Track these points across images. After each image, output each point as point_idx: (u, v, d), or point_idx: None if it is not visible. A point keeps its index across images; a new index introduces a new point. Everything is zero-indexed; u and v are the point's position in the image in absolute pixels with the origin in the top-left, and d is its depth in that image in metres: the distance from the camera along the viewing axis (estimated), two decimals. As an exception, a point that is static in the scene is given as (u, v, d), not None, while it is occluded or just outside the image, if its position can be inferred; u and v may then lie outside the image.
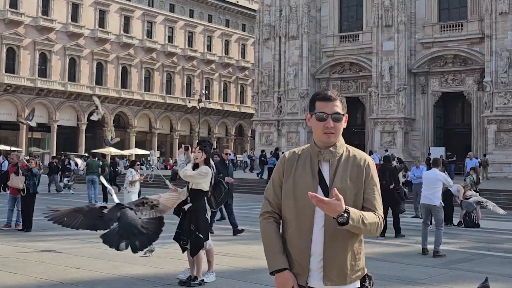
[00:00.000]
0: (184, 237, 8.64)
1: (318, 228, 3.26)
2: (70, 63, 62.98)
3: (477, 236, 16.48)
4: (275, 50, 50.97)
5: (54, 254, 10.15)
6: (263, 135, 51.81)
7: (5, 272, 9.16)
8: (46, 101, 60.82)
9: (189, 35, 74.11)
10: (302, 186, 3.27)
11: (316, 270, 3.27)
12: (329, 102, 3.32)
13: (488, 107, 41.54)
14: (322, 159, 3.33)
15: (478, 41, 43.51)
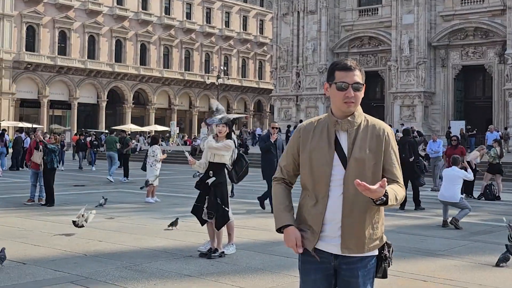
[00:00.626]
0: (211, 211, 8.72)
1: (336, 196, 3.28)
2: (89, 41, 63.20)
3: (497, 208, 16.41)
4: (294, 25, 50.72)
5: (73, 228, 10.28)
6: (282, 110, 51.74)
7: (29, 245, 9.32)
8: (66, 78, 61.21)
9: (207, 11, 73.98)
10: (319, 156, 3.31)
11: (333, 237, 3.30)
12: (350, 72, 3.31)
13: (510, 79, 41.16)
14: (340, 129, 3.34)
15: (499, 13, 42.90)
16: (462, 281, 7.66)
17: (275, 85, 52.97)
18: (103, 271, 7.74)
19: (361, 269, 3.33)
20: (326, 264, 3.35)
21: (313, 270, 3.39)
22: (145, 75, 66.90)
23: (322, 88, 47.85)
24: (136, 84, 66.85)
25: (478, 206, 15.55)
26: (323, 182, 3.29)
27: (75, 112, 61.88)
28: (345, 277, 3.34)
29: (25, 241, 9.74)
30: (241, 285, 7.26)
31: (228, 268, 8.13)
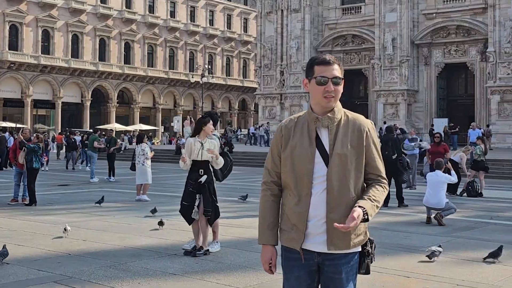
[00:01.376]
0: (207, 208, 8.76)
1: (319, 193, 3.25)
2: (73, 40, 62.78)
3: (480, 205, 16.55)
4: (277, 23, 50.83)
5: (61, 227, 10.20)
6: (266, 109, 51.87)
7: (13, 245, 9.20)
8: (50, 77, 60.81)
9: (191, 9, 73.79)
10: (300, 153, 3.27)
11: (317, 235, 3.28)
12: (329, 66, 3.27)
13: (492, 77, 41.49)
14: (320, 125, 3.30)
15: (481, 11, 43.27)
16: (444, 276, 7.70)
17: (259, 83, 53.16)
18: (87, 270, 7.69)
19: (345, 265, 3.31)
20: (309, 261, 3.32)
21: (297, 267, 3.37)
22: (129, 74, 66.62)
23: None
24: (121, 83, 66.56)
25: (460, 203, 15.62)
26: (305, 180, 3.25)
27: (59, 111, 61.36)
28: (328, 274, 3.32)
29: (8, 241, 9.61)
30: (225, 282, 7.25)
31: (213, 266, 8.12)
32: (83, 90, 63.66)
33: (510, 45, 40.66)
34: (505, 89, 40.90)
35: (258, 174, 21.05)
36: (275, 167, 3.42)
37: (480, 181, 19.33)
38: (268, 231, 3.39)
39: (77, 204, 15.27)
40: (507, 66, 40.89)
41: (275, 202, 3.43)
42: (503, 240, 10.68)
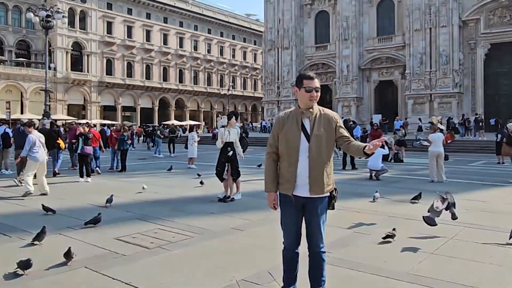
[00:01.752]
0: (234, 172, 8.78)
1: (303, 160, 3.39)
2: (146, 68, 62.28)
3: (402, 167, 16.41)
4: (275, 56, 50.41)
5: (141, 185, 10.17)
6: (269, 110, 51.57)
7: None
8: (132, 92, 60.62)
9: (220, 48, 73.12)
10: (291, 134, 3.44)
11: (303, 185, 3.41)
12: (312, 80, 3.46)
13: (408, 89, 41.10)
14: (304, 117, 3.46)
15: (402, 48, 42.65)
16: (383, 211, 7.63)
17: (264, 94, 52.88)
18: (158, 211, 7.66)
19: (319, 204, 3.47)
20: (297, 202, 3.46)
21: (289, 206, 3.50)
22: (182, 89, 66.18)
23: (293, 96, 48.67)
24: (177, 95, 66.22)
25: (390, 166, 15.47)
26: (294, 152, 3.41)
27: (138, 113, 61.25)
28: (309, 209, 3.47)
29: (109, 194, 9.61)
30: (244, 217, 7.21)
31: (237, 207, 8.07)
32: (153, 99, 63.34)
33: (419, 69, 40.25)
34: (416, 96, 40.64)
35: (263, 151, 20.84)
36: (275, 142, 3.54)
37: (402, 152, 19.28)
38: (271, 183, 3.54)
39: (151, 171, 15.25)
40: (417, 82, 40.46)
41: (275, 165, 3.56)
42: (418, 188, 10.59)
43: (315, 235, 3.49)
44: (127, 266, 4.70)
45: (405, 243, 5.65)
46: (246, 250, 5.31)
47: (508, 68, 38.53)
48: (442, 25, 39.25)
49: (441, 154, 11.97)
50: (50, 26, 33.24)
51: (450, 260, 4.96)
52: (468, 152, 23.35)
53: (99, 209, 7.57)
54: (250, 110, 78.86)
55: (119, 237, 5.86)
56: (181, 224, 6.65)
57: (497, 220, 7.02)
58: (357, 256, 5.07)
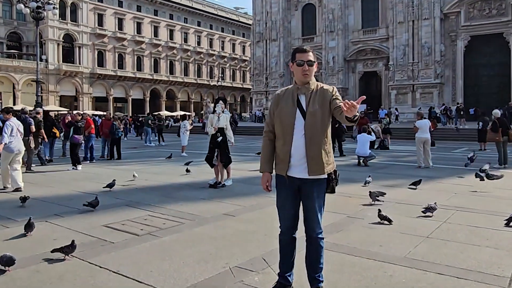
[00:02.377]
0: (224, 158, 8.41)
1: (299, 138, 3.06)
2: (137, 60, 61.13)
3: (388, 154, 16.20)
4: (263, 48, 49.84)
5: (132, 173, 9.77)
6: (257, 101, 51.12)
7: (100, 183, 8.77)
8: (123, 83, 59.52)
9: (210, 40, 71.95)
10: (286, 111, 3.12)
11: (299, 165, 3.08)
12: (305, 53, 3.13)
13: (392, 80, 40.96)
14: (300, 93, 3.14)
15: (385, 40, 42.48)
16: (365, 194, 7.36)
17: (253, 85, 52.29)
18: (147, 197, 7.28)
19: (316, 187, 3.13)
20: (292, 184, 3.12)
21: (284, 188, 3.18)
22: (173, 80, 65.21)
23: (281, 86, 48.28)
24: (167, 86, 65.23)
25: (377, 153, 15.25)
26: (289, 129, 3.09)
27: (129, 104, 60.26)
28: (305, 192, 3.14)
29: (98, 181, 9.22)
30: (236, 203, 6.86)
31: (227, 194, 7.72)
32: (144, 90, 62.29)
33: (402, 61, 40.08)
34: (399, 87, 40.46)
35: (253, 140, 20.50)
36: (271, 121, 3.23)
37: (388, 140, 19.15)
38: (266, 163, 3.25)
39: (142, 159, 14.80)
40: (400, 73, 40.33)
41: (271, 144, 3.25)
42: (406, 173, 10.41)
43: (312, 220, 3.15)
44: (115, 254, 4.34)
45: (398, 227, 5.38)
46: (238, 236, 4.98)
47: (487, 59, 38.60)
48: (424, 18, 39.12)
49: (428, 140, 11.76)
50: (40, 17, 32.18)
51: (446, 243, 4.70)
52: (450, 140, 23.30)
53: (87, 196, 7.18)
54: (239, 101, 78.24)
55: (108, 224, 5.49)
56: (171, 210, 6.29)
57: (488, 204, 6.80)
58: (352, 241, 4.78)
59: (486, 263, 4.08)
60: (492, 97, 37.65)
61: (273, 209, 3.21)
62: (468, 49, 38.75)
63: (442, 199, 7.14)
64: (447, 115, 31.18)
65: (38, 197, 7.27)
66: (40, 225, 5.33)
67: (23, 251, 4.37)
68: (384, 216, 5.53)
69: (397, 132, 24.10)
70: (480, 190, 8.03)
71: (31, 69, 45.51)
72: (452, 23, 39.12)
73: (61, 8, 50.97)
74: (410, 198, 7.26)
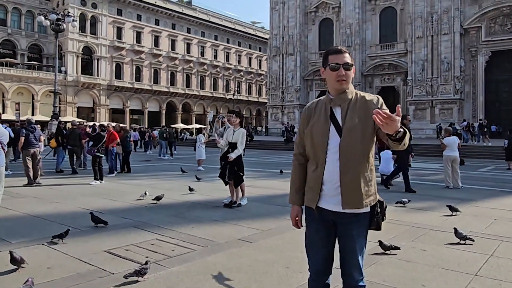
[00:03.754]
0: (230, 175, 7.69)
1: (333, 162, 2.41)
2: (154, 73, 61.46)
3: (412, 172, 15.25)
4: (280, 62, 49.54)
5: (142, 187, 9.22)
6: (273, 115, 50.65)
7: (108, 200, 8.27)
8: (140, 96, 59.74)
9: (226, 54, 72.23)
10: (317, 128, 2.48)
11: (332, 196, 2.42)
12: (340, 55, 2.45)
13: (410, 95, 40.20)
14: (334, 105, 2.47)
15: (404, 55, 41.86)
16: (406, 221, 6.60)
17: (269, 99, 51.88)
18: (157, 218, 6.66)
19: (355, 223, 2.44)
20: (325, 217, 2.48)
21: (314, 221, 2.53)
22: (188, 93, 65.28)
23: (297, 101, 47.82)
24: (183, 99, 65.31)
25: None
26: (321, 150, 2.44)
27: (146, 116, 60.36)
28: (341, 230, 2.47)
29: (107, 197, 8.69)
30: (252, 226, 6.22)
31: (244, 215, 7.08)
32: (160, 103, 62.43)
33: (421, 76, 39.40)
34: (418, 102, 39.70)
35: (270, 154, 19.87)
36: (301, 141, 2.61)
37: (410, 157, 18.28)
38: (295, 194, 2.62)
39: (154, 173, 14.26)
40: (419, 88, 39.59)
41: (302, 170, 2.60)
42: (436, 194, 9.65)
43: (350, 264, 2.47)
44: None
45: (438, 260, 4.66)
46: (256, 268, 4.32)
47: (508, 75, 37.53)
48: (444, 33, 38.34)
49: (457, 158, 10.97)
50: (60, 29, 32.51)
51: (500, 285, 3.96)
52: (474, 158, 22.31)
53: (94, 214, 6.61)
54: (254, 114, 77.91)
55: (110, 249, 4.89)
56: (182, 234, 5.66)
57: (535, 233, 6.01)
58: (388, 278, 4.08)
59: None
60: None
61: (294, 234, 2.53)
62: (489, 64, 37.75)
63: (481, 226, 6.40)
64: (469, 132, 30.09)
65: (39, 215, 6.75)
66: (35, 249, 4.77)
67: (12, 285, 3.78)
68: (388, 246, 4.87)
69: (416, 149, 23.28)
70: (521, 216, 7.23)
71: (50, 80, 45.96)
72: (472, 38, 38.23)
73: (81, 21, 51.67)
74: (443, 224, 6.51)
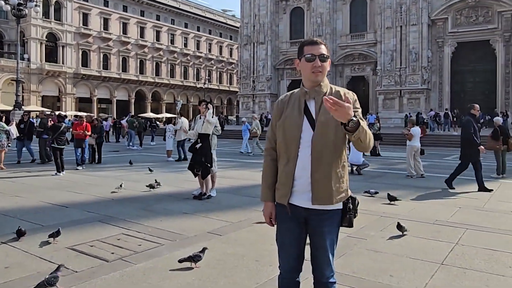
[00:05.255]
0: (197, 166, 7.57)
1: (305, 156, 2.31)
2: (122, 61, 59.93)
3: (381, 161, 15.66)
4: (251, 51, 49.21)
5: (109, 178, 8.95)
6: (244, 104, 50.39)
7: (73, 193, 8.00)
8: (108, 84, 58.19)
9: (197, 42, 71.15)
10: (290, 122, 2.36)
11: (304, 192, 2.32)
12: (316, 46, 2.36)
13: (379, 85, 40.87)
14: (309, 98, 2.37)
15: (373, 45, 42.39)
16: (374, 210, 6.69)
17: (240, 88, 51.55)
18: (124, 211, 6.48)
19: (327, 220, 2.35)
20: (296, 214, 2.38)
21: (287, 219, 2.42)
22: (158, 82, 64.12)
23: (268, 90, 47.79)
24: (153, 88, 64.09)
25: (369, 160, 14.69)
26: (293, 144, 2.33)
27: (114, 105, 58.83)
28: (313, 226, 2.38)
29: (71, 190, 8.40)
30: (223, 218, 6.15)
31: (213, 207, 6.98)
32: (129, 92, 60.97)
33: (390, 66, 40.10)
34: (387, 92, 40.40)
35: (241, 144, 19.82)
36: (273, 135, 2.49)
37: (377, 146, 18.67)
38: (268, 190, 2.49)
39: (122, 164, 13.90)
40: (388, 78, 40.28)
41: (274, 165, 2.48)
42: (402, 183, 9.86)
43: (321, 261, 2.41)
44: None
45: (407, 250, 4.72)
46: (225, 263, 4.26)
47: (473, 66, 38.68)
48: (412, 24, 39.03)
49: (419, 148, 11.22)
50: (22, 15, 31.08)
51: (465, 273, 4.05)
52: (440, 147, 22.97)
53: (57, 208, 6.37)
54: (225, 103, 77.46)
55: (74, 245, 4.70)
56: (150, 227, 5.52)
57: (497, 220, 6.21)
58: (358, 269, 4.10)
59: (519, 300, 3.44)
60: (478, 103, 37.50)
61: (264, 226, 2.42)
62: (455, 55, 38.77)
63: (446, 215, 6.55)
64: (436, 121, 30.93)
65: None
66: (-8, 248, 4.54)
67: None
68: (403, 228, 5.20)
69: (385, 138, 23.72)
70: (484, 203, 7.46)
71: (12, 68, 43.99)
72: (439, 29, 39.11)
73: (44, 6, 49.67)
74: (411, 214, 6.64)
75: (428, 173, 11.39)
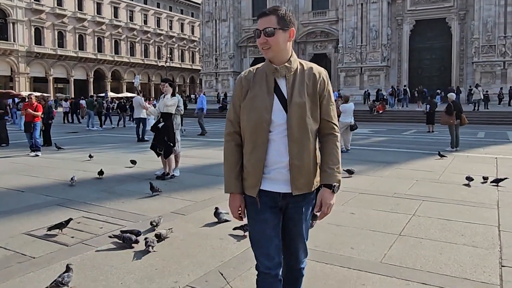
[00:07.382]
0: (159, 146, 7.45)
1: (279, 140, 2.04)
2: (79, 38, 57.42)
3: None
4: (213, 28, 48.48)
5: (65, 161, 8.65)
6: (207, 82, 49.83)
7: (30, 177, 7.68)
8: (64, 63, 55.76)
9: (157, 19, 69.05)
10: (258, 102, 2.04)
11: (279, 180, 2.07)
12: (262, 18, 2.02)
13: (340, 62, 41.42)
14: (279, 75, 2.06)
15: (335, 22, 42.77)
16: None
17: (203, 66, 50.85)
18: (84, 194, 6.29)
19: (305, 206, 2.14)
20: (273, 203, 2.11)
21: (262, 209, 2.11)
22: (118, 60, 62.05)
23: (231, 68, 47.33)
24: (113, 67, 61.98)
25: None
26: (262, 128, 2.03)
27: (72, 85, 56.58)
28: (291, 214, 2.15)
29: (27, 174, 8.06)
30: (186, 198, 6.10)
31: (177, 187, 6.90)
32: (87, 71, 58.78)
33: (351, 44, 40.63)
34: (348, 69, 41.10)
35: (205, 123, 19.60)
36: (237, 118, 2.13)
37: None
38: (234, 180, 2.12)
39: (81, 145, 13.47)
40: (349, 55, 40.91)
41: (239, 152, 2.14)
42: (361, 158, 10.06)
43: (298, 248, 2.24)
44: (33, 275, 3.45)
45: (367, 223, 4.87)
46: (189, 242, 4.23)
47: (430, 43, 39.77)
48: (372, 1, 39.49)
49: (349, 124, 11.47)
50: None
51: (421, 242, 4.23)
52: (398, 122, 23.66)
53: (11, 193, 6.11)
54: (188, 82, 76.24)
55: (30, 231, 4.53)
56: (111, 209, 5.40)
57: (451, 191, 6.51)
58: (320, 243, 4.19)
59: (470, 266, 3.63)
60: (434, 79, 39.05)
61: (227, 203, 2.23)
62: (413, 33, 39.68)
63: (404, 188, 6.80)
64: (395, 97, 31.78)
65: None
66: None
67: None
68: None
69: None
70: (439, 176, 7.78)
71: (-42, 46, 41.27)
72: (398, 7, 39.79)
73: (-10, -21, 46.52)
74: (371, 188, 6.83)
75: (387, 148, 11.70)
